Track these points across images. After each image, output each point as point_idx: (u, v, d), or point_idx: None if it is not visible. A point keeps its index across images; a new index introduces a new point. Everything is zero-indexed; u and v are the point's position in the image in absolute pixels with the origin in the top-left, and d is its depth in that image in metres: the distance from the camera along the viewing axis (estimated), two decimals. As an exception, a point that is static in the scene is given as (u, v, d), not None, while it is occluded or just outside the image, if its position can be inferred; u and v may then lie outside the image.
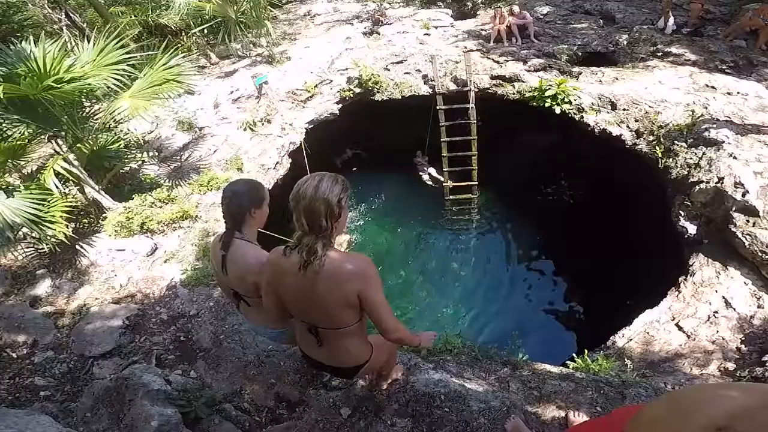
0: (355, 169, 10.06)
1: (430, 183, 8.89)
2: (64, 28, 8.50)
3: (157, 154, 6.19)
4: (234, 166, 6.11)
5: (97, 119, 4.79)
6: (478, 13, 11.22)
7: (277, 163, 6.59)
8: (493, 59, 8.05)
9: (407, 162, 9.20)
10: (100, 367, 3.43)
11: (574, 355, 3.72)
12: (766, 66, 6.91)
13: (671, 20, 8.27)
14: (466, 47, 8.58)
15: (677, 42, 7.91)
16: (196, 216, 5.18)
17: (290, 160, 6.86)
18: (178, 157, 6.26)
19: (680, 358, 3.68)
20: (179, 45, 8.63)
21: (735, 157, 4.73)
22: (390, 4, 12.07)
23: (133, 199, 5.03)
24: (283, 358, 3.45)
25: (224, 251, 1.97)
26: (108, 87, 4.41)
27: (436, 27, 9.75)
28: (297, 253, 1.59)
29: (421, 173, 9.08)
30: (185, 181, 5.71)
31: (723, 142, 4.97)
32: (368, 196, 9.08)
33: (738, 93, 6.12)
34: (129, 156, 5.57)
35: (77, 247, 4.65)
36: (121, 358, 3.52)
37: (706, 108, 5.80)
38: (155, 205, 5.09)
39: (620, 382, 3.06)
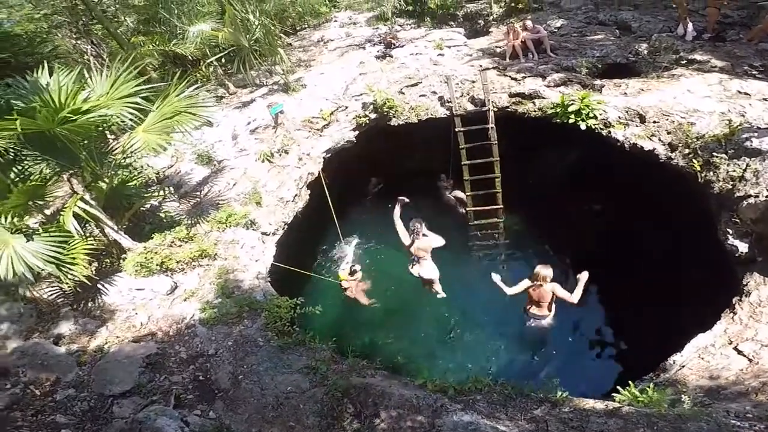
0: (370, 197, 9.75)
1: (460, 209, 8.48)
2: (92, 58, 8.75)
3: (173, 191, 6.19)
4: (253, 201, 6.04)
5: (115, 155, 4.79)
6: (490, 30, 11.20)
7: (296, 195, 6.48)
8: (510, 76, 7.90)
9: (430, 186, 8.97)
10: (120, 406, 3.42)
11: (618, 387, 3.40)
12: (799, 68, 6.57)
13: (690, 26, 8.02)
14: (481, 66, 8.45)
15: (700, 48, 7.64)
16: (215, 254, 5.13)
17: (308, 192, 6.75)
18: (198, 193, 6.25)
19: (743, 384, 3.35)
20: (198, 74, 8.78)
21: (784, 168, 4.40)
22: (401, 26, 12.17)
23: (152, 238, 5.01)
24: (302, 401, 3.35)
25: None
26: (122, 121, 4.39)
27: (450, 47, 9.70)
28: None
29: (445, 196, 8.83)
30: (204, 218, 5.67)
31: (768, 152, 4.65)
32: (391, 222, 8.78)
33: (775, 98, 5.79)
34: (147, 193, 5.57)
35: (99, 286, 4.65)
36: (141, 397, 3.49)
37: (743, 116, 5.48)
38: (174, 244, 5.05)
39: (676, 415, 2.77)
